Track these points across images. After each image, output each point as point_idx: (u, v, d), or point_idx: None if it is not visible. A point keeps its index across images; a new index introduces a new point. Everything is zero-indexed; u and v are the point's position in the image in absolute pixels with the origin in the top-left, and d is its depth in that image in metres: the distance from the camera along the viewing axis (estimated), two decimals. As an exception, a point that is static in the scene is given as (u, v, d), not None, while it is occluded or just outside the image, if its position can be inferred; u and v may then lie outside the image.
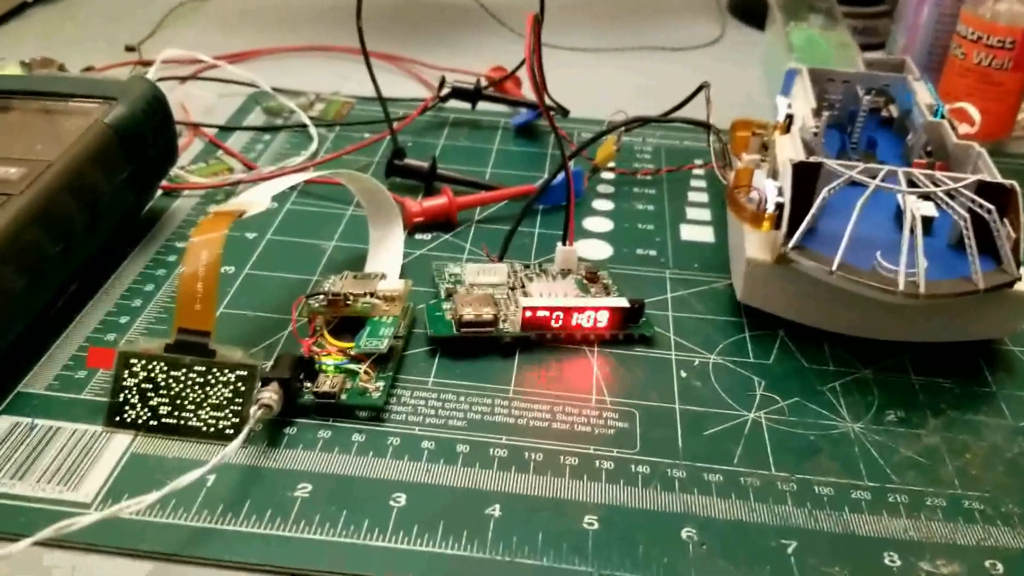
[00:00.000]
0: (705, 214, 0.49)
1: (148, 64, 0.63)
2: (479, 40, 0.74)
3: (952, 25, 0.60)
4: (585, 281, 0.41)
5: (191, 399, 0.33)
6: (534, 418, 0.35)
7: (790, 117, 0.45)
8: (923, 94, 0.49)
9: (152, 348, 0.33)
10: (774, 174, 0.42)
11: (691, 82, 0.49)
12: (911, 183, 0.38)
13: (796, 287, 0.38)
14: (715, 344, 0.39)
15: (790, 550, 0.30)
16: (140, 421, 0.33)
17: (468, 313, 0.37)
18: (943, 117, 0.45)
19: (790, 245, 0.37)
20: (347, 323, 0.38)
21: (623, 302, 0.38)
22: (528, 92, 0.61)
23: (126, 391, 0.33)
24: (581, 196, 0.50)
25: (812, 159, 0.39)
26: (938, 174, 0.38)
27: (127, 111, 0.41)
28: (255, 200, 0.36)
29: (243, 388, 0.33)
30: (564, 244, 0.42)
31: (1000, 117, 0.58)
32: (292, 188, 0.49)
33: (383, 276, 0.39)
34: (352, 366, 0.35)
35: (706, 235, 0.47)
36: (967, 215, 0.36)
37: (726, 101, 0.47)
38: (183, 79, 0.63)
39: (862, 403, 0.36)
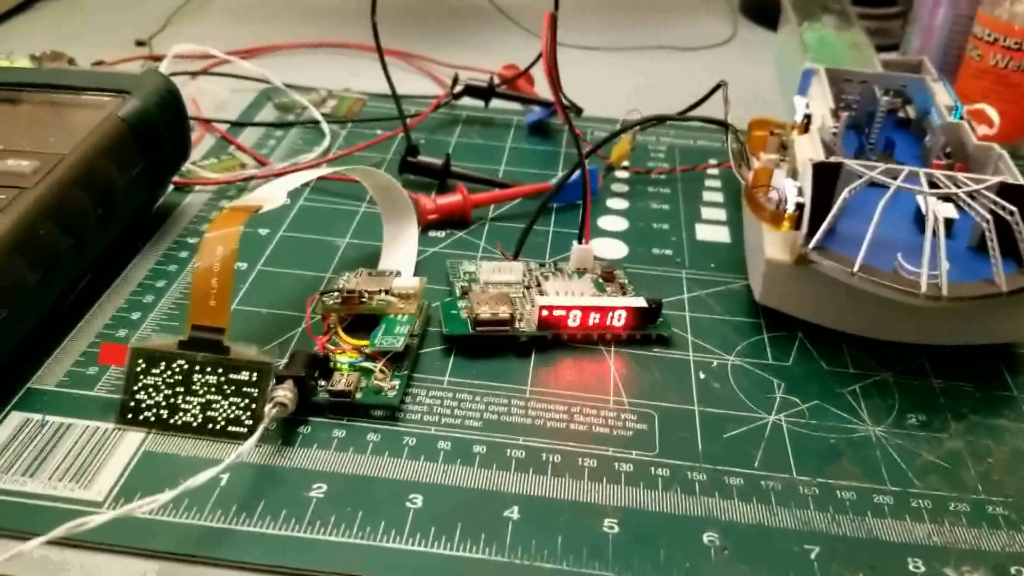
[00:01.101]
0: (720, 214, 0.49)
1: (159, 59, 0.63)
2: (492, 38, 0.74)
3: (968, 26, 0.59)
4: (601, 280, 0.41)
5: (205, 397, 0.32)
6: (551, 419, 0.34)
7: (808, 117, 0.45)
8: (941, 95, 0.48)
9: (165, 344, 0.33)
10: (793, 174, 0.42)
11: (703, 81, 0.48)
12: (932, 184, 0.37)
13: (815, 288, 0.38)
14: (733, 345, 0.39)
15: (813, 555, 0.29)
16: (153, 419, 0.32)
17: (484, 312, 0.37)
18: (962, 118, 0.45)
19: (811, 245, 0.36)
20: (361, 321, 0.37)
21: (641, 302, 0.38)
22: (541, 90, 0.60)
23: (139, 388, 0.33)
24: (596, 195, 0.50)
25: (832, 159, 0.38)
26: (959, 175, 0.38)
27: (141, 105, 0.41)
28: (271, 195, 0.35)
29: (257, 386, 0.32)
30: (580, 243, 0.42)
31: (1016, 119, 0.57)
32: (305, 184, 0.49)
33: (398, 273, 0.39)
34: (367, 364, 0.35)
35: (722, 235, 0.47)
36: (989, 217, 0.35)
37: (738, 101, 0.47)
38: (194, 74, 0.62)
39: (883, 406, 0.36)
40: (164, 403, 0.32)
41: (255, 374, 0.32)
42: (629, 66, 0.70)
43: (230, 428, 0.32)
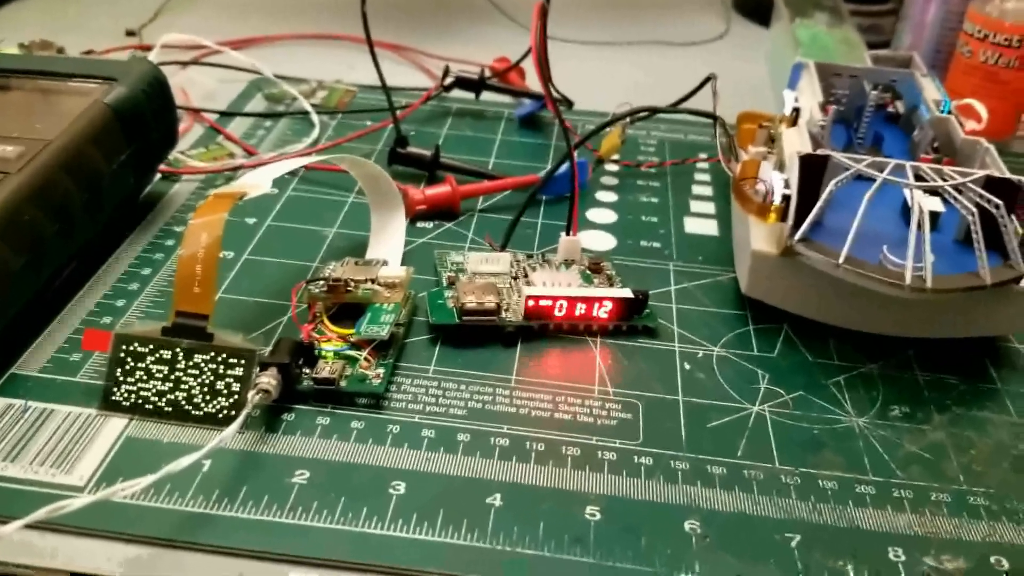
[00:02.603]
0: (709, 207, 0.49)
1: (148, 49, 0.63)
2: (483, 31, 0.74)
3: (959, 23, 0.59)
4: (589, 272, 0.41)
5: (188, 383, 0.32)
6: (536, 408, 0.34)
7: (797, 110, 0.45)
8: (930, 90, 0.49)
9: (149, 331, 0.33)
10: (781, 166, 0.42)
11: (695, 77, 0.48)
12: (919, 177, 0.37)
13: (801, 280, 0.38)
14: (719, 337, 0.39)
15: (794, 544, 0.29)
16: (136, 404, 0.32)
17: (470, 301, 0.37)
18: (950, 113, 0.45)
19: (796, 237, 0.36)
20: (347, 309, 0.37)
21: (627, 293, 0.38)
22: (532, 83, 0.60)
23: (122, 374, 0.33)
24: (585, 187, 0.50)
25: (820, 152, 0.38)
26: (946, 169, 0.38)
27: (128, 91, 0.41)
28: (256, 182, 0.35)
29: (241, 372, 0.32)
30: (568, 234, 0.42)
31: (1005, 116, 0.57)
32: (293, 174, 0.49)
33: (385, 263, 0.39)
34: (352, 352, 0.35)
35: (710, 228, 0.47)
36: (975, 210, 0.36)
37: (729, 96, 0.47)
38: (184, 64, 0.62)
39: (866, 398, 0.36)
40: (147, 389, 0.32)
41: (239, 361, 0.32)
42: (621, 61, 0.70)
43: (213, 414, 0.32)
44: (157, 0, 0.75)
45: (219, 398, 0.32)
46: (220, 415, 0.32)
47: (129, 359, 0.33)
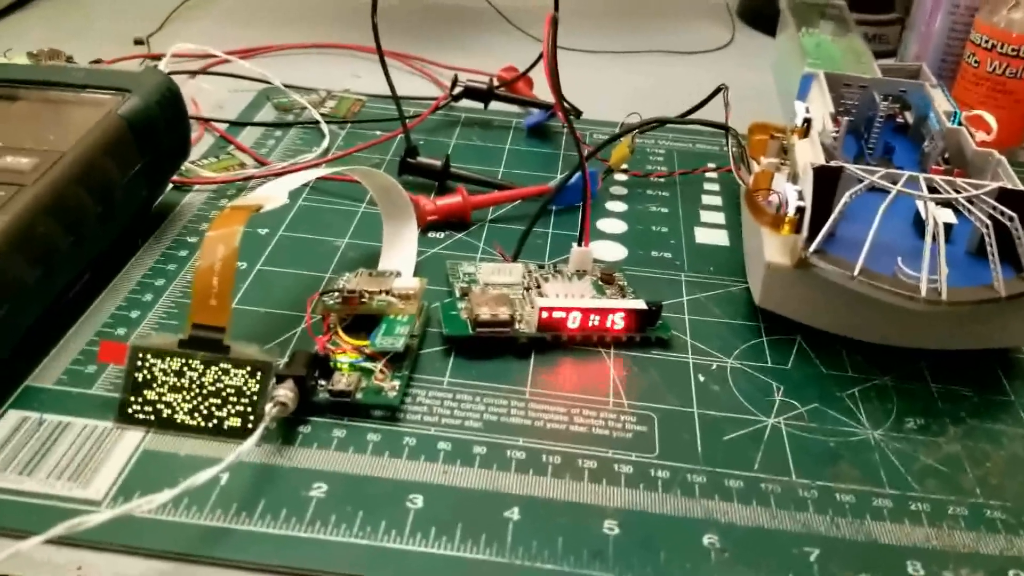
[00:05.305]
0: (719, 217, 0.49)
1: (157, 58, 0.63)
2: (491, 41, 0.74)
3: (965, 33, 0.60)
4: (601, 282, 0.41)
5: (205, 395, 0.32)
6: (551, 420, 0.34)
7: (808, 121, 0.45)
8: (940, 101, 0.49)
9: (166, 343, 0.33)
10: (794, 178, 0.42)
11: (701, 86, 0.48)
12: (932, 189, 0.37)
13: (815, 292, 0.38)
14: (732, 348, 0.39)
15: (812, 558, 0.29)
16: (152, 417, 0.32)
17: (484, 313, 0.37)
18: (960, 124, 0.45)
19: (811, 249, 0.36)
20: (361, 321, 0.37)
21: (641, 304, 0.38)
22: (540, 93, 0.60)
23: (138, 387, 0.33)
24: (595, 197, 0.50)
25: (833, 163, 0.38)
26: (959, 180, 0.38)
27: (141, 103, 0.41)
28: (272, 195, 0.35)
29: (258, 385, 0.32)
30: (579, 245, 0.42)
31: (1013, 126, 0.57)
32: (305, 184, 0.49)
33: (398, 274, 0.39)
34: (367, 364, 0.35)
35: (721, 238, 0.47)
36: (989, 222, 0.36)
37: (736, 105, 0.47)
38: (193, 73, 0.62)
39: (881, 410, 0.36)
40: (164, 402, 0.32)
41: (256, 373, 0.32)
42: (628, 70, 0.71)
43: (230, 427, 0.32)
44: (163, 8, 0.75)
45: (236, 410, 0.32)
46: (237, 428, 0.32)
47: (145, 371, 0.33)
